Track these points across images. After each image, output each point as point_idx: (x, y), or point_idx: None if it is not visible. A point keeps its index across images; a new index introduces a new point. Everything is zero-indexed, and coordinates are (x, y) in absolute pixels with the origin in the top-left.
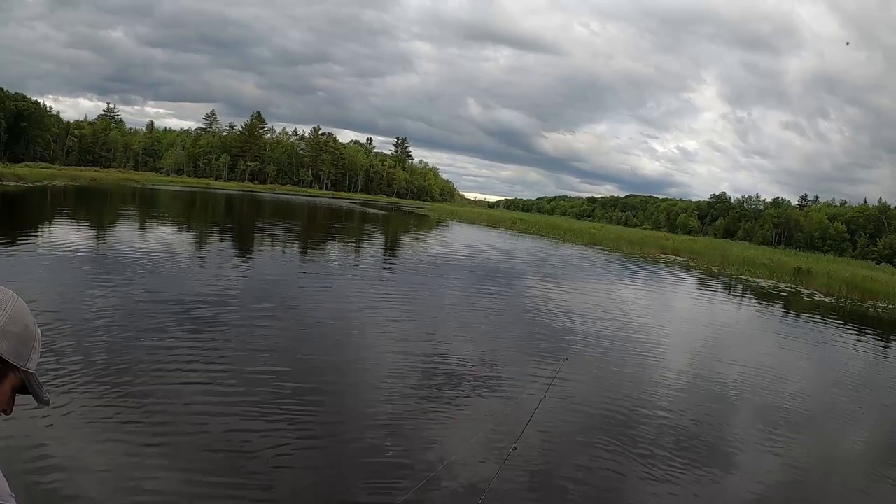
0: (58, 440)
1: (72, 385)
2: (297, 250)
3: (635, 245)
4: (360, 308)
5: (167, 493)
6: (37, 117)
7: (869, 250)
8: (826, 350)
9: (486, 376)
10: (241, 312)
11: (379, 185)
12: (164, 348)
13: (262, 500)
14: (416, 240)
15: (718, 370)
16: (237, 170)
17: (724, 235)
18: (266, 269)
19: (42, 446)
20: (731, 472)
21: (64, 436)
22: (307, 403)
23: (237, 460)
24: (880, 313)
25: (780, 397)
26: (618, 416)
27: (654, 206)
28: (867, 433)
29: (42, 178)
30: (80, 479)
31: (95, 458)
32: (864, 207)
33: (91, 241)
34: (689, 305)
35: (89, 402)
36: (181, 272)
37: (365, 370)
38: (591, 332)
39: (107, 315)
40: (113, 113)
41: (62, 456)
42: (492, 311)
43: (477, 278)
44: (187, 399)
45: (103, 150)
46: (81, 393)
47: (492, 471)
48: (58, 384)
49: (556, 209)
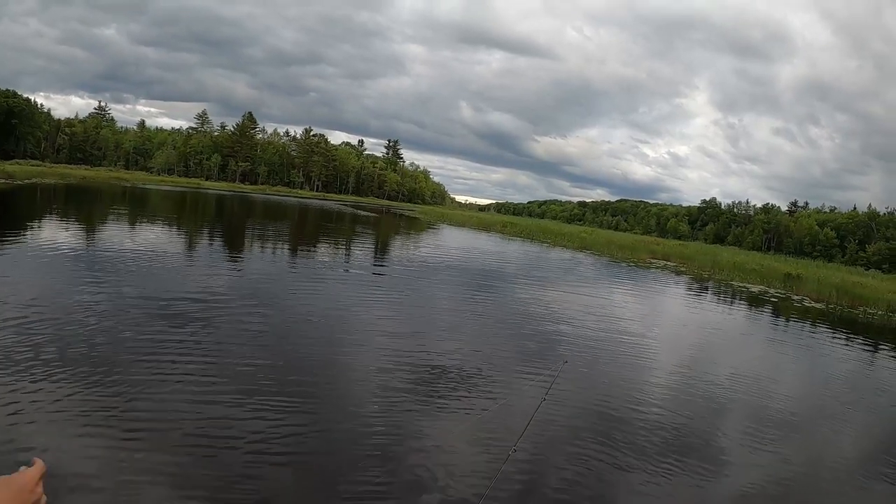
0: (40, 434)
1: (54, 378)
2: (288, 251)
3: (626, 249)
4: (352, 312)
5: (148, 485)
6: (28, 114)
7: (858, 256)
8: (817, 355)
9: (485, 378)
10: (229, 313)
11: (370, 187)
12: (149, 344)
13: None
14: (408, 242)
15: (714, 373)
16: (228, 170)
17: (714, 241)
18: (255, 269)
19: (21, 439)
20: (729, 475)
21: (44, 430)
22: (302, 404)
23: (222, 458)
24: (870, 319)
25: (773, 401)
26: (616, 419)
27: (644, 210)
28: (857, 435)
29: (32, 176)
30: (62, 474)
31: (77, 451)
32: (853, 214)
33: (78, 240)
34: (682, 310)
35: (71, 396)
36: (169, 271)
37: (360, 373)
38: (588, 335)
39: (92, 311)
40: (104, 111)
41: (43, 449)
42: (488, 315)
43: (470, 282)
44: (170, 393)
45: (94, 149)
46: (63, 386)
47: (492, 472)
48: (40, 377)
49: (546, 213)
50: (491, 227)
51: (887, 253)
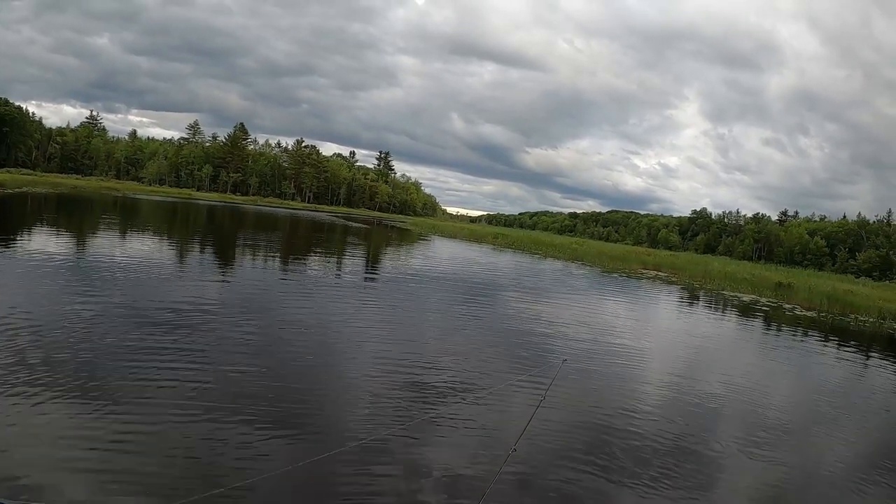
0: (30, 437)
1: (42, 384)
2: (279, 263)
3: (617, 260)
4: (344, 320)
5: (132, 494)
6: (19, 122)
7: (848, 264)
8: (810, 362)
9: (483, 382)
10: (218, 323)
11: (361, 198)
12: (136, 354)
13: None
14: (399, 254)
15: (709, 380)
16: (219, 181)
17: (705, 251)
18: (245, 280)
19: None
20: (724, 479)
21: (34, 433)
22: (294, 409)
23: (210, 467)
24: (861, 327)
25: (767, 408)
26: (614, 421)
27: (635, 221)
28: (851, 440)
29: (22, 185)
30: (51, 474)
31: (65, 454)
32: (843, 222)
33: (67, 250)
34: (675, 319)
35: (59, 401)
36: (158, 282)
37: (359, 377)
38: (586, 341)
39: (79, 320)
40: (96, 120)
41: (31, 452)
42: (484, 323)
43: (463, 291)
44: (157, 404)
45: (85, 158)
46: (51, 391)
47: (492, 472)
48: (29, 383)
49: (538, 224)
50: (482, 238)
51: (877, 261)
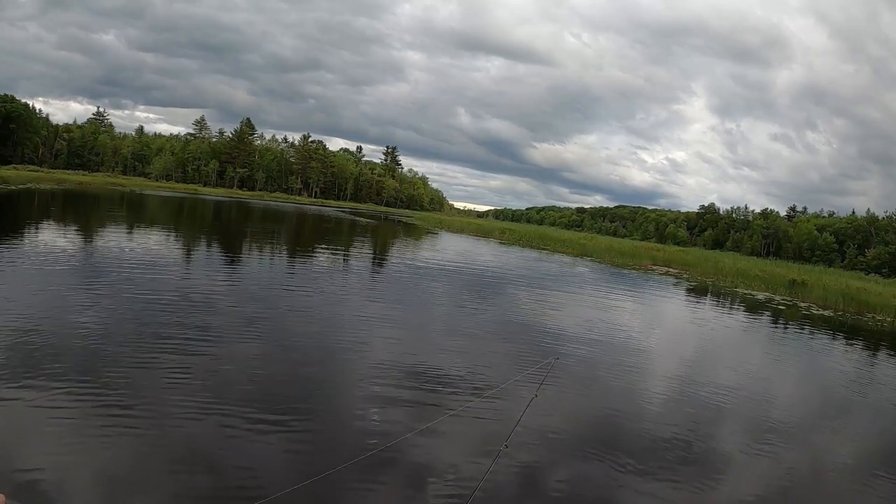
0: (31, 433)
1: (47, 384)
2: (287, 257)
3: (627, 256)
4: (348, 311)
5: (141, 493)
6: (25, 119)
7: (857, 261)
8: (832, 362)
9: (477, 377)
10: (226, 318)
11: (368, 193)
12: (144, 350)
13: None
14: (406, 249)
15: (719, 382)
16: (226, 176)
17: (713, 246)
18: (253, 274)
19: (11, 445)
20: (718, 474)
21: (35, 430)
22: (294, 402)
23: (216, 463)
24: (880, 326)
25: (781, 408)
26: (607, 418)
27: (643, 216)
28: (867, 443)
29: (27, 181)
30: (55, 471)
31: (67, 450)
32: (852, 218)
33: (72, 245)
34: (689, 317)
35: (63, 396)
36: (165, 276)
37: (352, 371)
38: (586, 337)
39: (85, 316)
40: (102, 117)
41: (33, 448)
42: (482, 317)
43: (467, 286)
44: (166, 402)
45: (92, 155)
46: (55, 387)
47: (482, 469)
48: (33, 383)
49: (545, 219)
50: (489, 233)
51: (887, 257)
